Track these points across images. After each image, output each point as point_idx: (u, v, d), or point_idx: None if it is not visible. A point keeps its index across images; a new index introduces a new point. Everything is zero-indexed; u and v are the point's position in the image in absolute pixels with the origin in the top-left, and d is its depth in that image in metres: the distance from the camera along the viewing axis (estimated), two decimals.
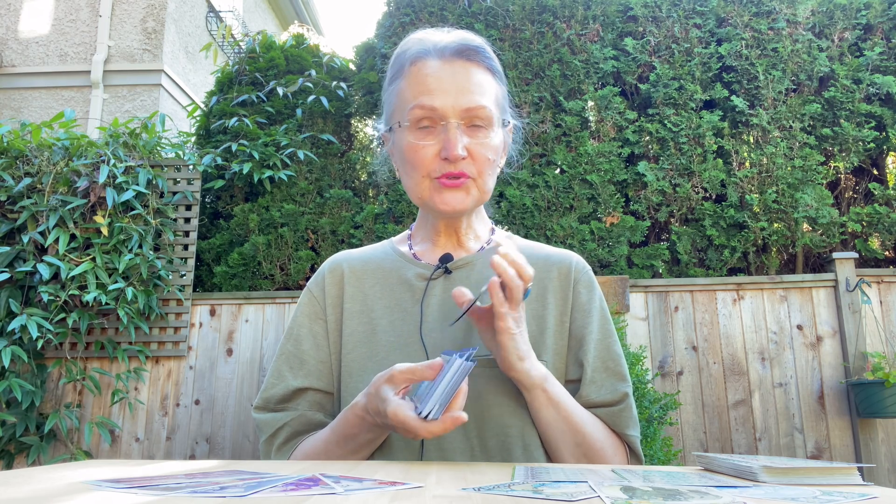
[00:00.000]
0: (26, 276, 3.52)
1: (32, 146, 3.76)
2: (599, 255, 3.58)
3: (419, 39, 0.98)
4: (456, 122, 0.91)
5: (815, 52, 3.66)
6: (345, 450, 0.89)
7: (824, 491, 0.55)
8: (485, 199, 0.98)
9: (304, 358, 1.00)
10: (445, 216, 0.97)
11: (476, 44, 0.96)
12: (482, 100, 0.93)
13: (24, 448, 3.48)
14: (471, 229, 1.03)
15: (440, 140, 0.92)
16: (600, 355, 0.96)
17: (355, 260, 1.06)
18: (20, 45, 7.45)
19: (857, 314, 3.31)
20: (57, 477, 0.60)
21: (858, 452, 3.18)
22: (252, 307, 3.71)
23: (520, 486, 0.55)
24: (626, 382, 0.96)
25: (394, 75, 0.99)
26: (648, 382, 2.84)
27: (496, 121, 0.95)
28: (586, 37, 3.89)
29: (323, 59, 4.29)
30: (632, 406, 0.95)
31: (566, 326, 0.98)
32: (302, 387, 0.98)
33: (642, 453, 0.96)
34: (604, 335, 0.97)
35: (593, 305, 0.99)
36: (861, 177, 3.76)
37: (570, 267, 1.01)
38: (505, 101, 1.00)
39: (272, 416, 0.97)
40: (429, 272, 0.99)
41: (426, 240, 1.04)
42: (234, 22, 8.74)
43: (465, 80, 0.93)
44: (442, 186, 0.92)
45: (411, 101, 0.93)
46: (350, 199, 3.91)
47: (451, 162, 0.91)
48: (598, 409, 0.94)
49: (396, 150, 0.98)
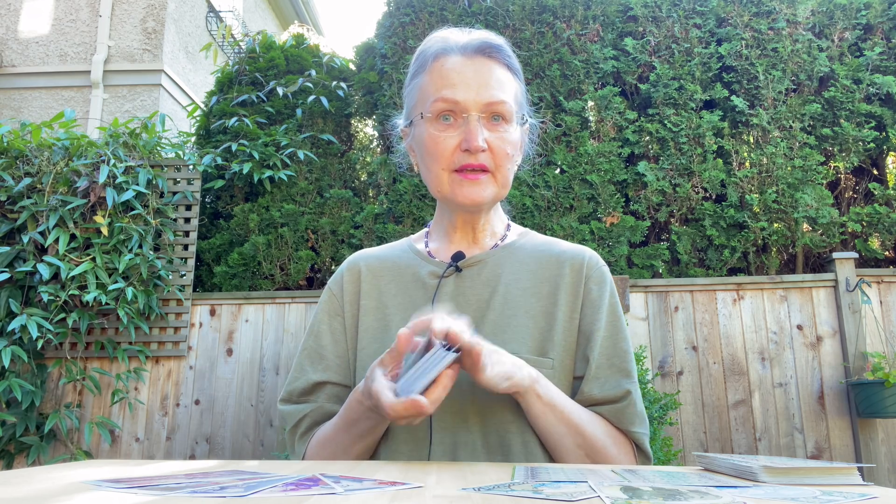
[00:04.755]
0: (26, 276, 3.52)
1: (32, 146, 3.76)
2: (599, 255, 3.58)
3: (442, 38, 1.00)
4: (477, 115, 0.93)
5: (815, 52, 3.66)
6: (350, 435, 0.91)
7: (824, 491, 0.55)
8: (503, 195, 0.99)
9: (323, 353, 1.03)
10: (465, 209, 0.98)
11: (497, 42, 0.99)
12: (502, 95, 0.95)
13: (24, 448, 3.47)
14: (488, 225, 1.04)
15: (461, 132, 0.93)
16: (606, 352, 0.95)
17: (373, 258, 1.08)
18: (20, 45, 7.45)
19: (857, 314, 3.31)
20: (57, 477, 0.60)
21: (858, 452, 3.18)
22: (252, 307, 3.71)
23: (520, 486, 0.55)
24: (630, 379, 0.95)
25: (416, 71, 1.01)
26: (648, 382, 2.84)
27: (515, 117, 0.97)
28: (586, 37, 3.89)
29: (323, 59, 4.29)
30: (636, 402, 0.94)
31: (576, 323, 0.98)
32: (321, 381, 1.01)
33: (650, 451, 0.96)
34: (612, 332, 0.97)
35: (603, 302, 0.98)
36: (861, 177, 3.76)
37: (582, 263, 1.01)
38: (523, 98, 1.02)
39: (295, 407, 1.01)
40: (441, 270, 1.00)
41: (443, 236, 1.05)
42: (234, 22, 8.74)
43: (486, 75, 0.95)
44: (462, 179, 0.94)
45: (434, 94, 0.95)
46: (350, 199, 3.91)
47: (471, 153, 0.92)
48: (601, 407, 0.94)
49: (416, 143, 1.00)
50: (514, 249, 1.02)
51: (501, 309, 0.96)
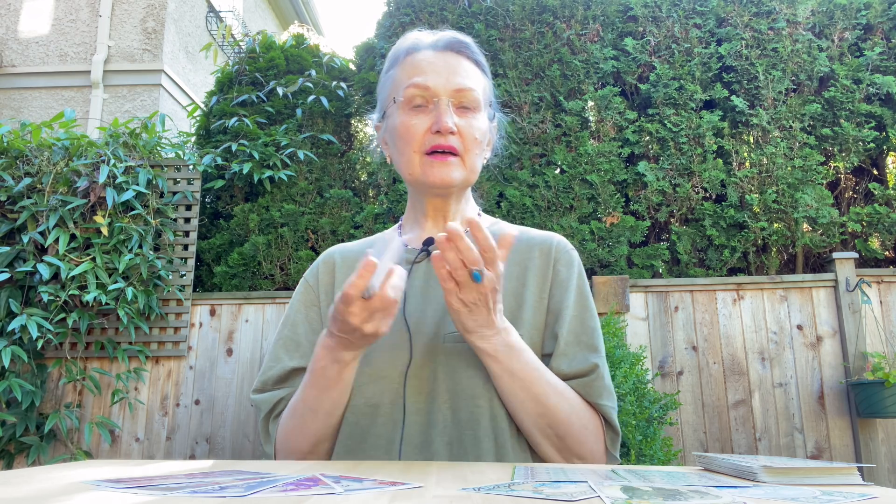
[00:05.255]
0: (26, 276, 3.52)
1: (32, 146, 3.76)
2: (599, 255, 3.58)
3: (414, 37, 1.07)
4: (447, 100, 0.98)
5: (815, 52, 3.66)
6: (316, 389, 0.93)
7: (824, 491, 0.55)
8: (472, 179, 1.03)
9: (299, 340, 1.05)
10: (435, 190, 1.02)
11: (465, 40, 1.06)
12: (470, 83, 1.01)
13: (24, 448, 3.48)
14: (459, 212, 1.07)
15: (431, 117, 0.99)
16: (574, 329, 0.99)
17: (348, 251, 1.13)
18: (20, 45, 7.45)
19: (857, 314, 3.31)
20: (57, 477, 0.60)
21: (858, 452, 3.18)
22: (252, 307, 3.71)
23: (520, 486, 0.55)
24: (597, 353, 0.98)
25: (389, 66, 1.08)
26: (648, 382, 2.84)
27: (483, 106, 1.03)
28: (586, 37, 3.89)
29: (323, 59, 4.29)
30: (603, 376, 0.97)
31: (545, 303, 1.01)
32: (298, 366, 1.03)
33: (618, 424, 0.98)
34: (580, 310, 1.01)
35: (571, 282, 1.02)
36: (861, 177, 3.76)
37: (550, 247, 1.05)
38: (490, 94, 1.08)
39: (270, 394, 1.03)
40: (413, 257, 1.05)
41: (415, 225, 1.09)
42: (234, 22, 8.74)
43: (455, 66, 1.02)
44: (433, 161, 0.98)
45: (406, 81, 1.01)
46: (350, 199, 3.91)
47: (441, 135, 0.97)
48: (570, 382, 0.96)
49: (389, 132, 1.04)
50: None
51: None
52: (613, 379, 2.44)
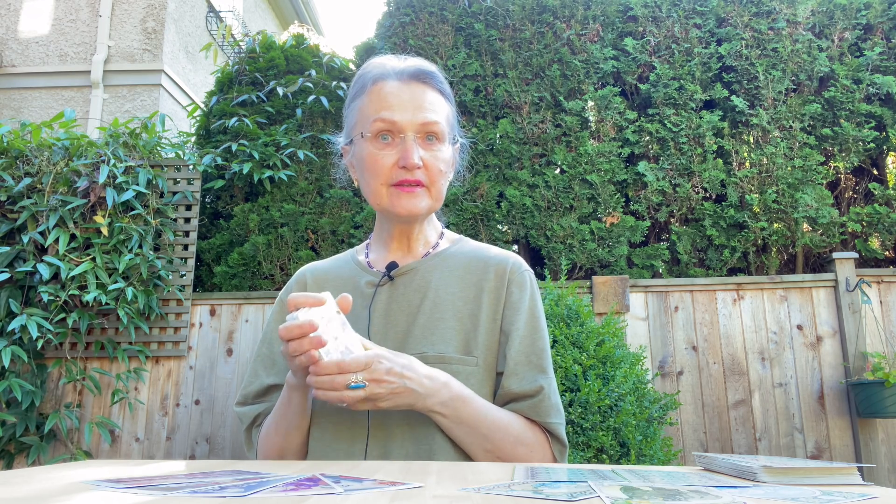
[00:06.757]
0: (26, 276, 3.52)
1: (32, 146, 3.76)
2: (599, 255, 3.58)
3: (380, 64, 1.09)
4: (413, 135, 1.02)
5: (815, 52, 3.66)
6: (280, 415, 1.02)
7: (824, 491, 0.55)
8: (437, 207, 1.08)
9: (275, 359, 1.13)
10: (401, 220, 1.06)
11: (431, 70, 1.09)
12: (436, 116, 1.04)
13: (24, 448, 3.47)
14: (422, 235, 1.13)
15: (398, 150, 1.02)
16: (524, 350, 1.03)
17: (319, 270, 1.18)
18: (20, 45, 7.45)
19: (857, 314, 3.31)
20: (57, 477, 0.60)
21: (858, 452, 3.18)
22: (252, 307, 3.71)
23: (520, 486, 0.55)
24: (545, 375, 1.03)
25: (355, 94, 1.10)
26: (648, 382, 2.84)
27: (447, 136, 1.06)
28: (586, 37, 3.89)
29: (323, 59, 4.29)
30: (550, 396, 1.02)
31: (498, 323, 1.06)
32: (274, 383, 1.11)
33: (566, 439, 1.04)
34: (530, 331, 1.05)
35: (523, 304, 1.06)
36: (861, 177, 3.76)
37: (505, 268, 1.09)
38: (454, 120, 1.12)
39: (251, 408, 1.12)
40: (377, 279, 1.10)
41: (381, 247, 1.15)
42: (234, 22, 8.74)
43: (421, 98, 1.04)
44: (400, 192, 1.03)
45: (373, 115, 1.03)
46: (350, 199, 3.91)
47: (408, 170, 1.01)
48: (519, 402, 1.01)
49: (357, 160, 1.08)
50: (445, 257, 1.11)
51: (431, 313, 1.04)
52: (613, 379, 2.44)
